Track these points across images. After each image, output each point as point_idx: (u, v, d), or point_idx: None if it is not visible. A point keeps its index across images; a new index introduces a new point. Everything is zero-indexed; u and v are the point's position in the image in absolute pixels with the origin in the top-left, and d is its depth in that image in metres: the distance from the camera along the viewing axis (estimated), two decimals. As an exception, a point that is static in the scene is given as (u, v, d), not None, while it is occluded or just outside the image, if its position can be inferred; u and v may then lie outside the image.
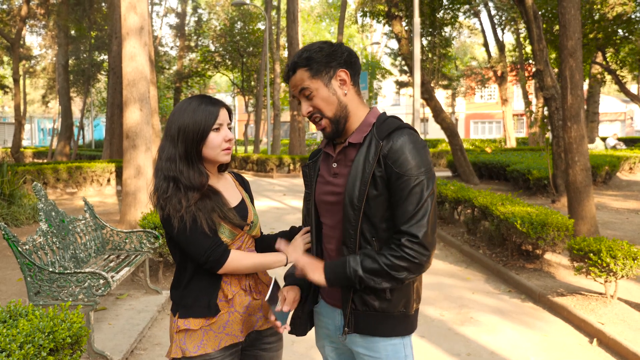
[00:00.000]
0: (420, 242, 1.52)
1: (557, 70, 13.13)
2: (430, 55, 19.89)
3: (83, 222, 4.86)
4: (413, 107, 11.27)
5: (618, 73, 16.84)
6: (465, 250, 6.76)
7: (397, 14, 13.88)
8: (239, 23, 27.95)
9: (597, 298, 4.64)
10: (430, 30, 17.53)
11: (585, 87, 19.74)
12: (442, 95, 37.53)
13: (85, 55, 25.10)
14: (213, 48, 29.68)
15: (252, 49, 28.25)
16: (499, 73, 25.77)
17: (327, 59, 1.64)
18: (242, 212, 1.85)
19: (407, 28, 14.51)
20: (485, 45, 26.43)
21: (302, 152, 20.52)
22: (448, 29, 20.30)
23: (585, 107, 13.14)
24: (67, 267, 4.15)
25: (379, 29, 36.77)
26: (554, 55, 16.16)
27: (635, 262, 4.25)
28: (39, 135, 50.40)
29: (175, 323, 1.78)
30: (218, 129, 1.77)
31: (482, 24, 26.36)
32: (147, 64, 7.79)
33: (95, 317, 4.32)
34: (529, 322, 4.41)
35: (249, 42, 27.92)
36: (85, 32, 21.94)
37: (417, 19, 10.96)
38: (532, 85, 28.09)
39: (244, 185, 2.01)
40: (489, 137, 44.46)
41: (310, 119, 1.69)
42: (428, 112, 32.70)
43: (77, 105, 37.42)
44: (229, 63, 29.49)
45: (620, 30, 15.05)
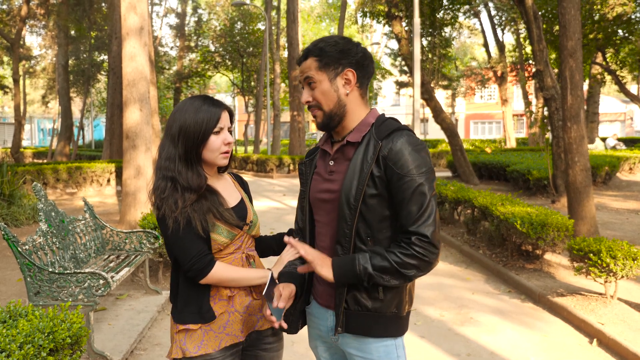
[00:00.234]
0: (430, 241, 1.54)
1: (557, 71, 13.13)
2: (430, 56, 19.90)
3: (83, 222, 4.86)
4: (413, 107, 11.27)
5: (618, 73, 16.84)
6: (465, 251, 6.76)
7: (397, 14, 13.89)
8: (239, 23, 27.97)
9: (597, 298, 4.64)
10: (430, 31, 17.54)
11: (585, 87, 19.74)
12: (442, 96, 37.54)
13: (85, 56, 25.09)
14: (213, 48, 29.70)
15: (252, 49, 28.27)
16: (499, 73, 25.78)
17: (338, 55, 1.64)
18: (241, 211, 1.85)
19: (407, 28, 14.51)
20: (485, 46, 26.43)
21: (302, 152, 20.52)
22: (448, 30, 20.33)
23: (585, 107, 13.13)
24: (67, 267, 4.15)
25: (379, 29, 36.78)
26: (554, 56, 16.17)
27: (635, 262, 4.25)
28: (39, 136, 50.39)
29: (175, 323, 1.78)
30: (219, 132, 1.77)
31: (482, 25, 26.37)
32: (147, 64, 7.79)
33: (95, 317, 4.32)
34: (529, 322, 4.41)
35: (249, 42, 27.93)
36: (85, 32, 21.94)
37: (417, 19, 10.96)
38: (532, 86, 28.10)
39: (243, 186, 2.01)
40: (489, 137, 44.48)
41: (308, 108, 1.71)
42: (428, 112, 32.70)
43: (77, 106, 37.42)
44: (229, 63, 29.51)
45: (620, 31, 15.05)
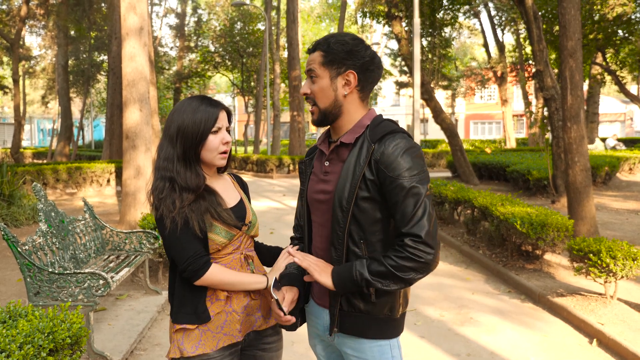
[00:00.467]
0: (424, 240, 1.51)
1: (557, 71, 13.14)
2: (430, 56, 19.91)
3: (83, 222, 4.86)
4: (413, 107, 11.28)
5: (618, 74, 16.84)
6: (465, 251, 6.76)
7: (397, 15, 13.89)
8: (239, 23, 27.98)
9: (596, 298, 4.64)
10: (430, 31, 17.55)
11: (585, 87, 19.74)
12: (442, 96, 37.56)
13: (85, 56, 25.09)
14: (213, 48, 29.70)
15: (251, 50, 28.28)
16: (499, 73, 25.78)
17: (344, 55, 1.63)
18: (240, 212, 1.85)
19: (407, 28, 14.51)
20: (485, 46, 26.44)
21: (301, 152, 20.51)
22: (448, 30, 20.35)
23: (585, 107, 13.12)
24: (66, 267, 4.14)
25: (379, 30, 36.75)
26: (554, 56, 16.17)
27: (635, 262, 4.25)
28: (39, 136, 50.38)
29: (173, 323, 1.79)
30: (217, 132, 1.77)
31: (482, 25, 26.37)
32: (146, 65, 7.79)
33: (95, 317, 4.32)
34: (529, 322, 4.41)
35: (249, 42, 27.93)
36: (85, 32, 21.94)
37: (417, 20, 10.97)
38: (532, 86, 28.12)
39: (243, 187, 2.01)
40: (489, 137, 44.52)
41: (306, 100, 1.71)
42: (428, 112, 32.71)
43: (76, 106, 37.42)
44: (229, 63, 29.51)
45: (620, 31, 15.05)
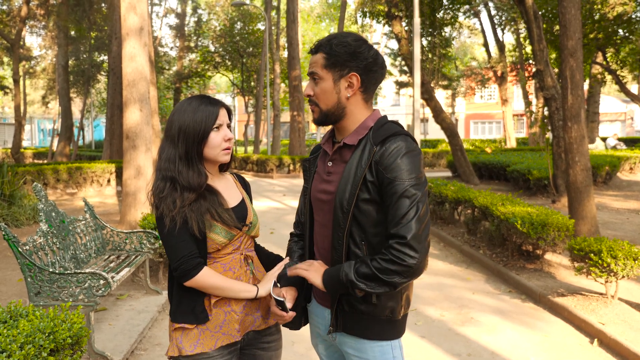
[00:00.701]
0: (408, 243, 1.48)
1: (557, 70, 13.14)
2: (430, 56, 19.90)
3: (83, 222, 4.86)
4: (413, 107, 11.27)
5: (618, 73, 16.83)
6: (466, 251, 6.76)
7: (397, 14, 13.89)
8: (239, 23, 27.98)
9: (597, 298, 4.64)
10: (430, 31, 17.55)
11: (586, 87, 19.74)
12: (442, 96, 37.53)
13: (85, 56, 25.09)
14: (213, 48, 29.70)
15: (251, 50, 28.27)
16: (499, 73, 25.77)
17: (347, 57, 1.62)
18: (241, 212, 1.86)
19: (407, 28, 14.51)
20: (485, 46, 26.43)
21: (302, 152, 20.51)
22: (448, 29, 20.34)
23: (586, 107, 13.14)
24: (67, 267, 4.14)
25: (379, 29, 36.74)
26: (554, 55, 16.16)
27: (636, 262, 4.24)
28: (39, 136, 50.39)
29: (172, 322, 1.80)
30: (218, 129, 1.79)
31: (482, 24, 26.36)
32: (147, 65, 7.78)
33: (96, 317, 4.32)
34: (530, 322, 4.41)
35: (249, 42, 27.93)
36: (85, 32, 21.94)
37: (417, 19, 10.96)
38: (532, 86, 28.09)
39: (245, 187, 2.01)
40: (489, 137, 44.48)
41: (308, 100, 1.71)
42: (428, 112, 32.69)
43: (77, 106, 37.41)
44: (229, 63, 29.51)
45: (621, 30, 15.04)
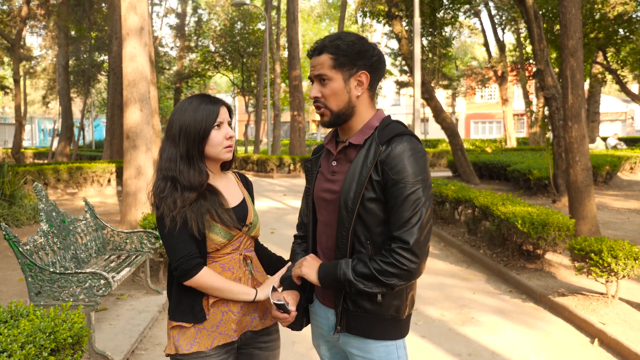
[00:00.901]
0: (411, 248, 1.51)
1: (557, 70, 13.13)
2: (431, 55, 19.90)
3: (84, 222, 4.86)
4: (413, 107, 11.27)
5: (619, 73, 16.83)
6: (466, 250, 6.75)
7: (397, 14, 13.88)
8: (239, 23, 27.98)
9: (598, 298, 4.64)
10: (431, 30, 17.54)
11: (586, 86, 19.74)
12: (442, 95, 37.51)
13: (86, 56, 25.10)
14: (213, 48, 29.70)
15: (252, 49, 28.27)
16: (500, 73, 25.76)
17: (355, 56, 1.62)
18: (241, 212, 1.85)
19: (407, 28, 14.51)
20: (486, 45, 26.42)
21: (302, 152, 20.51)
22: (448, 29, 20.32)
23: (586, 106, 13.11)
24: (68, 267, 4.15)
25: (379, 29, 36.73)
26: (555, 55, 16.15)
27: (637, 262, 4.24)
28: (40, 136, 50.40)
29: (169, 320, 1.81)
30: (219, 127, 1.79)
31: (482, 24, 26.38)
32: (147, 65, 7.79)
33: (96, 317, 4.32)
34: (530, 322, 4.40)
35: (249, 42, 27.93)
36: (86, 32, 21.94)
37: (417, 19, 10.96)
38: (532, 85, 28.07)
39: (247, 186, 2.01)
40: (490, 137, 44.46)
41: (314, 103, 1.68)
42: (428, 112, 32.67)
43: (77, 106, 37.42)
44: (229, 63, 29.50)
45: (621, 30, 15.04)
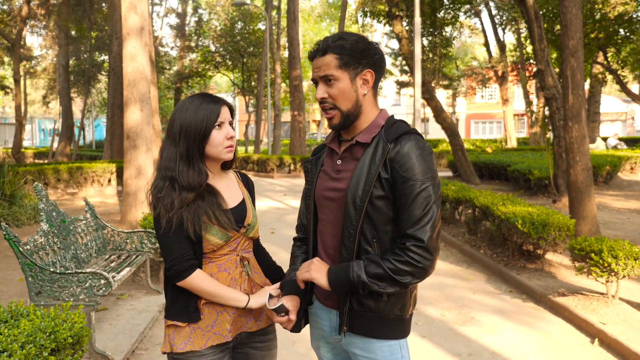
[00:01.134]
0: (425, 246, 1.52)
1: (558, 70, 13.12)
2: (431, 55, 19.90)
3: (84, 222, 4.86)
4: (414, 107, 11.27)
5: (619, 73, 16.82)
6: (466, 250, 6.75)
7: (397, 14, 13.88)
8: (240, 23, 27.98)
9: (598, 298, 4.63)
10: (431, 30, 17.54)
11: (587, 87, 19.72)
12: (442, 95, 37.50)
13: (86, 56, 25.10)
14: (213, 48, 29.70)
15: (252, 49, 28.28)
16: (500, 73, 25.75)
17: (360, 55, 1.63)
18: (240, 213, 1.84)
19: (407, 28, 14.50)
20: (486, 45, 26.41)
21: (302, 152, 20.51)
22: (449, 29, 20.31)
23: (586, 106, 13.09)
24: (68, 267, 4.15)
25: (380, 29, 36.74)
26: (555, 55, 16.15)
27: (637, 262, 4.24)
28: (40, 136, 50.41)
29: (165, 318, 1.82)
30: (220, 127, 1.78)
31: (482, 24, 26.39)
32: (147, 64, 7.79)
33: (97, 317, 4.32)
34: (530, 322, 4.40)
35: (250, 42, 27.94)
36: (86, 32, 21.94)
37: (417, 19, 10.96)
38: (533, 85, 28.04)
39: (248, 186, 1.99)
40: (490, 137, 44.44)
41: (321, 105, 1.67)
42: (429, 112, 32.69)
43: (77, 106, 37.41)
44: (230, 63, 29.51)
45: (622, 30, 15.04)
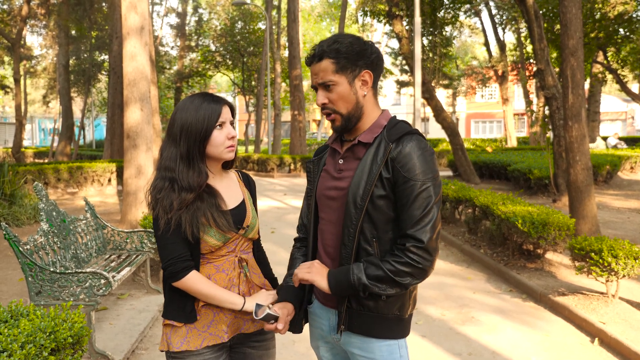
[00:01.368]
0: (425, 247, 1.53)
1: (558, 70, 13.12)
2: (431, 55, 19.89)
3: (84, 222, 4.86)
4: (414, 106, 11.27)
5: (619, 72, 16.82)
6: (466, 250, 6.75)
7: (397, 14, 13.87)
8: (240, 23, 27.97)
9: (598, 297, 4.63)
10: (431, 30, 17.53)
11: (587, 86, 19.72)
12: (442, 95, 37.49)
13: (86, 55, 25.09)
14: (214, 48, 29.69)
15: (252, 49, 28.27)
16: (500, 72, 25.75)
17: (355, 57, 1.62)
18: (239, 214, 1.84)
19: (407, 27, 14.50)
20: (486, 45, 26.40)
21: (302, 151, 20.51)
22: (449, 29, 20.29)
23: (586, 106, 13.09)
24: (68, 267, 4.15)
25: (380, 29, 36.70)
26: (555, 55, 16.15)
27: (637, 261, 4.24)
28: (40, 135, 50.40)
29: (162, 317, 1.83)
30: (221, 127, 1.77)
31: (482, 23, 26.39)
32: (147, 64, 7.79)
33: (97, 317, 4.32)
34: (530, 321, 4.40)
35: (250, 41, 27.93)
36: (86, 32, 21.93)
37: (417, 19, 10.96)
38: (533, 85, 28.04)
39: (249, 186, 1.98)
40: (490, 136, 44.41)
41: (323, 110, 1.67)
42: (429, 111, 32.67)
43: (77, 105, 37.39)
44: (230, 63, 29.49)
45: (622, 30, 15.04)
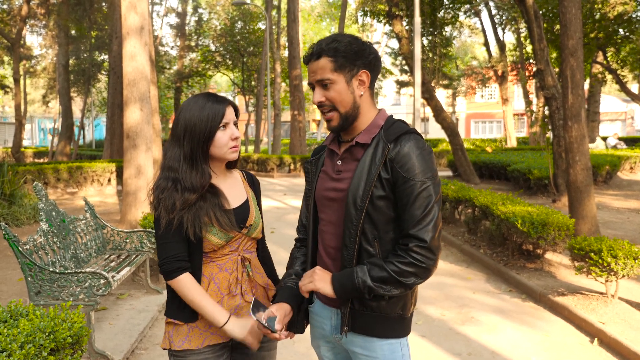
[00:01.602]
0: (428, 246, 1.53)
1: (557, 70, 13.13)
2: (431, 55, 19.89)
3: (84, 222, 4.86)
4: (414, 106, 11.27)
5: (619, 72, 16.83)
6: (466, 250, 6.75)
7: (397, 14, 13.88)
8: (240, 23, 27.97)
9: (597, 298, 4.64)
10: (431, 30, 17.53)
11: (586, 86, 19.73)
12: (442, 95, 37.50)
13: (86, 55, 25.09)
14: (213, 48, 29.70)
15: (252, 49, 28.27)
16: (500, 72, 25.75)
17: (354, 57, 1.63)
18: (243, 213, 1.84)
19: (407, 27, 14.50)
20: (486, 45, 26.41)
21: (302, 151, 20.51)
22: (449, 29, 20.29)
23: (586, 106, 13.10)
24: (67, 267, 4.15)
25: (380, 29, 36.71)
26: (555, 55, 16.15)
27: (636, 261, 4.24)
28: (40, 135, 50.36)
29: (165, 315, 1.83)
30: (225, 127, 1.77)
31: (482, 24, 26.40)
32: (147, 64, 7.79)
33: (96, 317, 4.32)
34: (530, 321, 4.41)
35: (250, 41, 27.93)
36: (86, 32, 21.92)
37: (417, 19, 10.96)
38: (532, 85, 28.05)
39: (254, 186, 1.98)
40: (490, 136, 44.41)
41: (319, 108, 1.68)
42: (429, 111, 32.67)
43: (77, 105, 37.38)
44: (230, 63, 29.49)
45: (621, 30, 15.04)
